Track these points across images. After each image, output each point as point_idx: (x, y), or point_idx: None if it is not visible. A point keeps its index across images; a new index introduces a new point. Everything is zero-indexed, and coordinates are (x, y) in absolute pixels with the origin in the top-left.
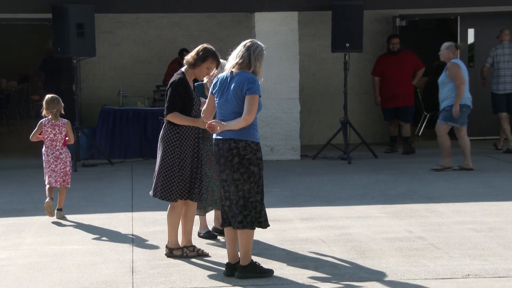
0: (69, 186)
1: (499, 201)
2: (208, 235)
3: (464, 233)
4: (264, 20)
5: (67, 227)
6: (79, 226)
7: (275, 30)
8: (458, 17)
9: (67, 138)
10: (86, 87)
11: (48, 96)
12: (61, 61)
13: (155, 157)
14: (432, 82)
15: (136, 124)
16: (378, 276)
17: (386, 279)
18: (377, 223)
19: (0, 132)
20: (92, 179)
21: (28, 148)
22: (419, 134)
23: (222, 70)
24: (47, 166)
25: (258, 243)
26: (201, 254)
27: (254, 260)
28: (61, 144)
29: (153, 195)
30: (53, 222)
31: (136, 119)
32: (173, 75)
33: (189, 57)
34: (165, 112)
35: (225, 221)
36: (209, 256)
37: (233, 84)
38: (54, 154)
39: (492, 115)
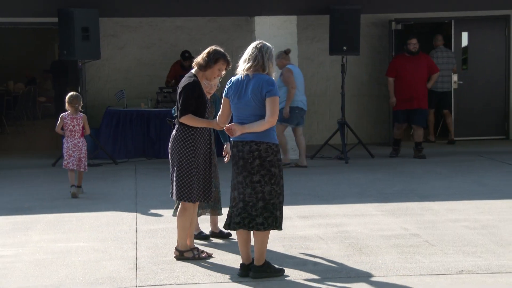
0: (86, 169)
1: (491, 200)
2: (200, 236)
3: (458, 230)
4: (264, 24)
5: (72, 225)
6: (85, 224)
7: (275, 34)
8: (452, 21)
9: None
10: (91, 88)
11: (71, 93)
12: (67, 63)
13: (158, 157)
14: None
15: (139, 125)
16: (374, 272)
17: (382, 275)
18: (373, 220)
19: (8, 133)
20: (97, 178)
21: (35, 148)
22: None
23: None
24: (66, 152)
25: None
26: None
27: (267, 260)
28: (79, 134)
29: (172, 197)
30: (59, 221)
31: (140, 120)
32: (175, 76)
33: (199, 59)
34: (178, 115)
35: (236, 224)
36: (213, 257)
37: (250, 87)
38: (72, 142)
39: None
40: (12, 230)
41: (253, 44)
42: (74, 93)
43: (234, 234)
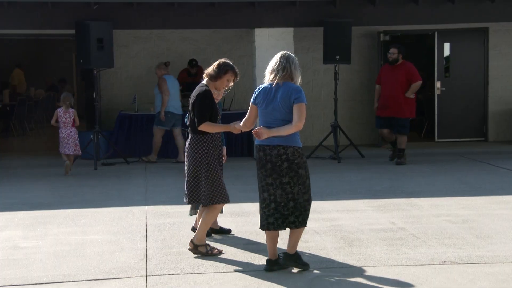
0: (80, 153)
1: (471, 196)
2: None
3: (441, 224)
4: (263, 35)
5: (88, 219)
6: (99, 218)
7: (273, 44)
8: (436, 32)
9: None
10: (105, 94)
11: (63, 93)
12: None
13: (166, 157)
14: None
15: (149, 128)
16: (364, 262)
17: (372, 265)
18: (363, 215)
19: (30, 135)
20: (110, 177)
21: (54, 149)
22: None
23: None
24: (62, 140)
25: (257, 232)
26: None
27: (298, 252)
28: (70, 125)
29: (210, 203)
30: (76, 215)
31: (149, 123)
32: (182, 83)
33: (210, 70)
34: (196, 123)
35: (270, 224)
36: (224, 253)
37: (279, 94)
38: (66, 132)
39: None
40: (33, 224)
41: (279, 55)
42: (65, 93)
43: (234, 230)
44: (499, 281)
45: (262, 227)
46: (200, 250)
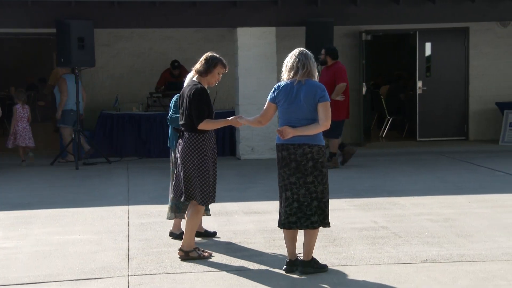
0: (33, 145)
1: (453, 195)
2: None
3: (422, 223)
4: (245, 35)
5: (69, 219)
6: (81, 218)
7: (255, 44)
8: (417, 32)
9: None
10: (87, 94)
11: (17, 90)
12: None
13: (148, 156)
14: (393, 89)
15: (131, 127)
16: (347, 261)
17: (354, 264)
18: (346, 214)
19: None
20: (92, 176)
21: (34, 149)
22: (383, 136)
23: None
24: (17, 133)
25: (240, 232)
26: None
27: (313, 257)
28: (26, 120)
29: (188, 199)
30: (57, 215)
31: (131, 122)
32: (164, 83)
33: (198, 66)
34: (196, 122)
35: (292, 223)
36: (213, 256)
37: (303, 92)
38: (22, 126)
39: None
40: (13, 224)
41: (296, 52)
42: (19, 90)
43: (220, 233)
44: (480, 279)
45: (283, 225)
46: (192, 255)
